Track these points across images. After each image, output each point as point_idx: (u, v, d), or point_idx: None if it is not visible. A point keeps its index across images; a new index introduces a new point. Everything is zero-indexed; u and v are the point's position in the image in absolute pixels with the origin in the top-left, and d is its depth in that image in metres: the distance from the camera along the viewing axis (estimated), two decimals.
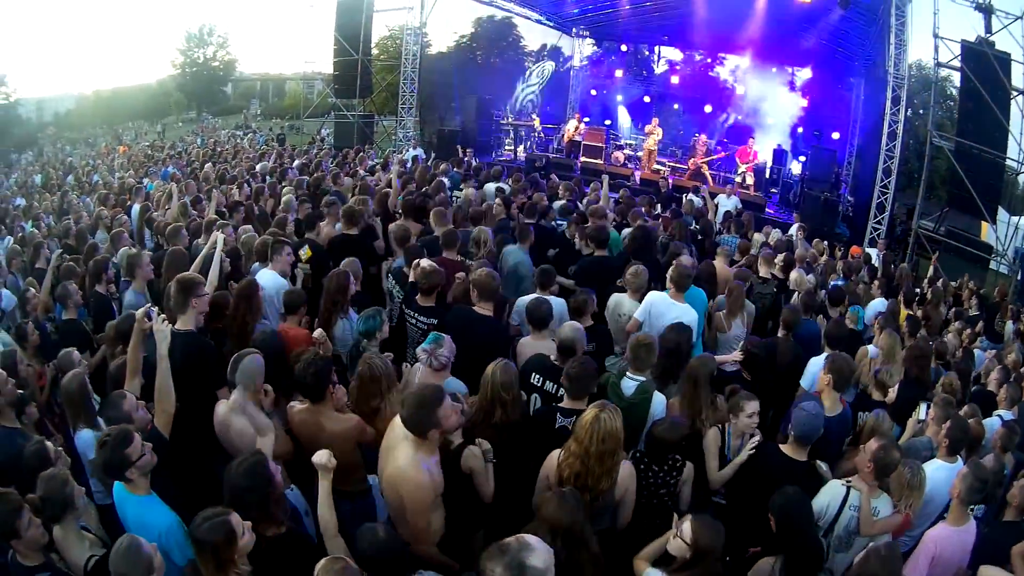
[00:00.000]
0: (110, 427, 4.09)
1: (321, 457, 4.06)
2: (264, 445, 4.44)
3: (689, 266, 7.47)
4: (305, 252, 7.99)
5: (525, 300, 6.76)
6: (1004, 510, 5.49)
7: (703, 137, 22.76)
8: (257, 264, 7.79)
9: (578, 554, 3.70)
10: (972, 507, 5.00)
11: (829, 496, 4.85)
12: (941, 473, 5.37)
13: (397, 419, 4.34)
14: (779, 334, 7.48)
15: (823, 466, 5.20)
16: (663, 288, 7.23)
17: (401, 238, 8.35)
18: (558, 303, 6.84)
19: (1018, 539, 4.82)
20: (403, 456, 4.19)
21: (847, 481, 4.90)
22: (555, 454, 4.55)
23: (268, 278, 7.12)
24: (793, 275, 9.32)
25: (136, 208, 11.79)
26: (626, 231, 9.93)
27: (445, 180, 12.89)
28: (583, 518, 3.83)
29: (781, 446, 5.20)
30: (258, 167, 16.86)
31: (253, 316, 6.20)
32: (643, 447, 5.15)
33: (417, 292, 6.75)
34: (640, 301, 7.09)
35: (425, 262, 6.82)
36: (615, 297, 7.44)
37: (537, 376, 5.68)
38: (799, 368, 6.87)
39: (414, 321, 6.74)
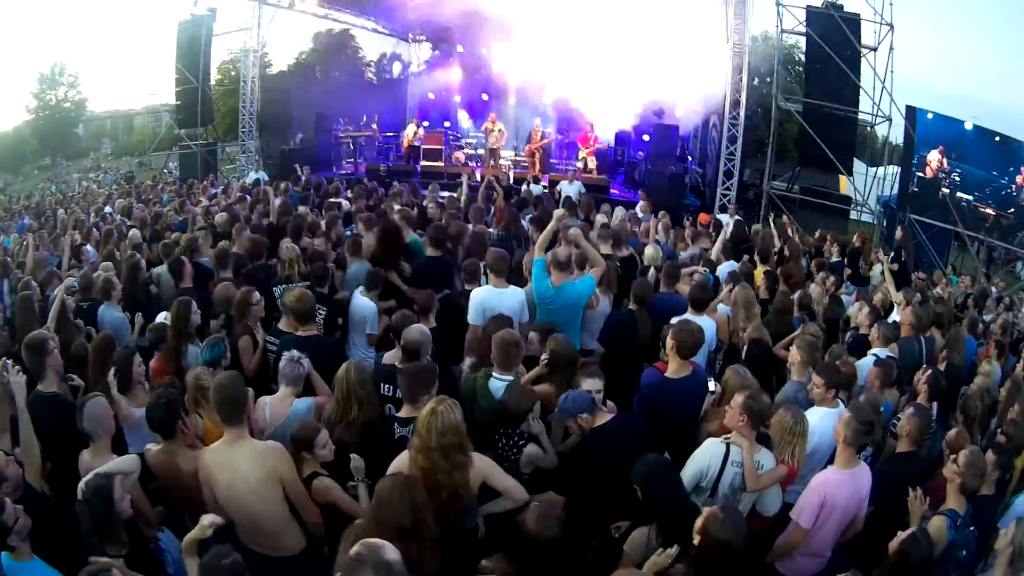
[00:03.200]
0: None
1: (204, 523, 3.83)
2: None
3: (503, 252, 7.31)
4: None
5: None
6: (894, 443, 5.56)
7: (537, 122, 22.90)
8: (104, 305, 7.63)
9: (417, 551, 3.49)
10: (860, 451, 5.02)
11: (708, 456, 4.70)
12: (825, 420, 5.32)
13: (211, 456, 4.31)
14: (632, 307, 7.29)
15: None
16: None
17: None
18: None
19: (916, 469, 5.22)
20: (249, 451, 4.23)
21: (726, 438, 4.76)
22: (405, 454, 4.32)
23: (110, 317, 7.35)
24: (648, 251, 9.37)
25: None
26: None
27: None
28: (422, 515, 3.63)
29: (588, 427, 4.87)
30: (106, 209, 16.51)
31: (102, 374, 5.76)
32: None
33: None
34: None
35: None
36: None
37: (387, 386, 5.57)
38: (656, 341, 6.71)
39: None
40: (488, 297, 6.78)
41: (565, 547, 3.55)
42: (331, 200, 13.25)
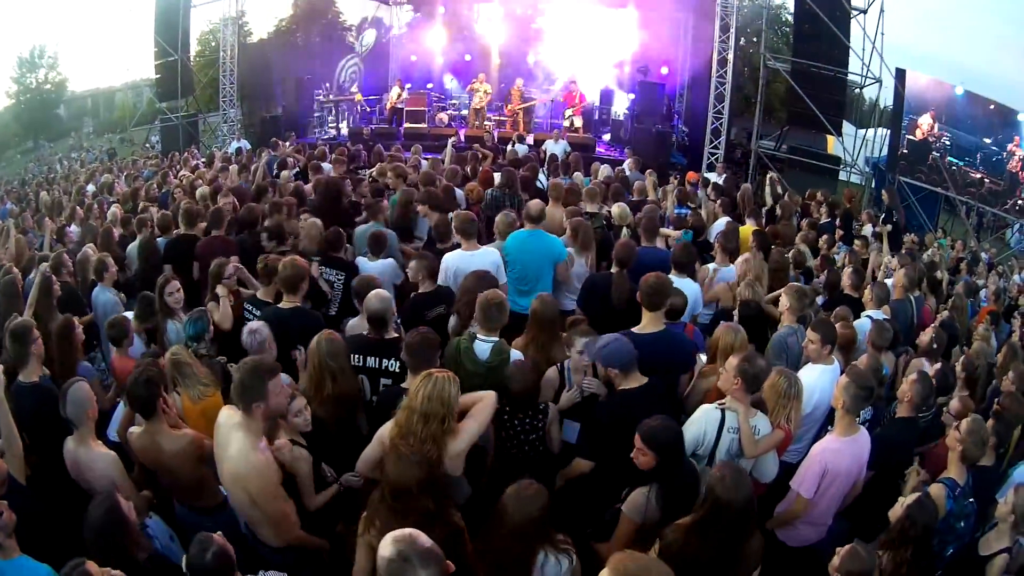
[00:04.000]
0: None
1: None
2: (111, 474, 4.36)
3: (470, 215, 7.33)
4: None
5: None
6: (895, 406, 5.48)
7: (519, 83, 22.69)
8: (99, 288, 7.51)
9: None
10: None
11: (703, 422, 4.58)
12: (823, 377, 5.39)
13: (220, 418, 4.16)
14: (613, 270, 6.97)
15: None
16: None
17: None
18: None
19: (915, 434, 5.27)
20: (235, 446, 3.97)
21: (720, 404, 4.64)
22: (390, 422, 4.20)
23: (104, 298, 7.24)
24: (615, 209, 9.00)
25: None
26: None
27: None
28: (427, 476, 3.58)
29: (618, 385, 4.79)
30: (88, 187, 16.50)
31: (74, 354, 5.89)
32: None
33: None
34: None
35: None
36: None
37: (357, 356, 5.32)
38: (636, 304, 6.34)
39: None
40: (458, 260, 6.74)
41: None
42: (314, 163, 13.01)
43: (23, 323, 5.52)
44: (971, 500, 4.56)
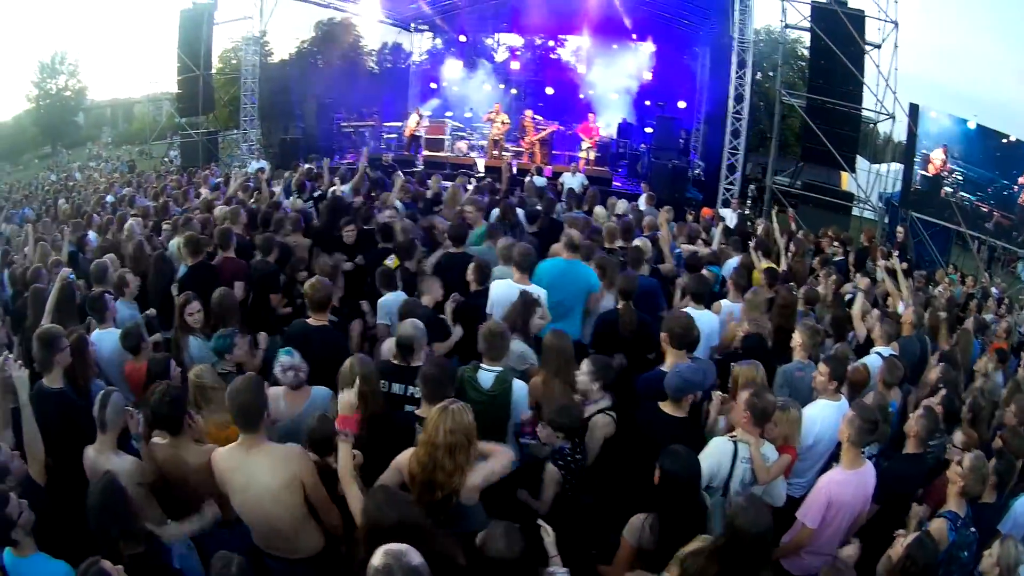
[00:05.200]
0: None
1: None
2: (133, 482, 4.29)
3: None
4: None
5: (389, 299, 6.95)
6: (901, 443, 5.58)
7: (528, 113, 22.48)
8: (119, 301, 7.25)
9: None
10: (864, 449, 4.99)
11: (718, 455, 4.71)
12: (826, 411, 5.44)
13: (225, 460, 4.20)
14: (619, 305, 7.10)
15: None
16: None
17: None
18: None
19: (920, 470, 5.31)
20: (268, 457, 4.11)
21: (731, 436, 4.80)
22: (408, 451, 4.27)
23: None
24: (637, 242, 8.99)
25: None
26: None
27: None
28: (415, 515, 3.56)
29: (660, 404, 5.11)
30: (107, 198, 16.25)
31: (87, 370, 5.76)
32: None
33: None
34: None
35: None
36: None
37: (382, 381, 5.32)
38: (644, 335, 6.67)
39: None
40: (505, 292, 6.78)
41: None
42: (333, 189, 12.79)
43: (51, 329, 5.54)
44: (972, 530, 4.61)
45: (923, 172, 19.20)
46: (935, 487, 5.16)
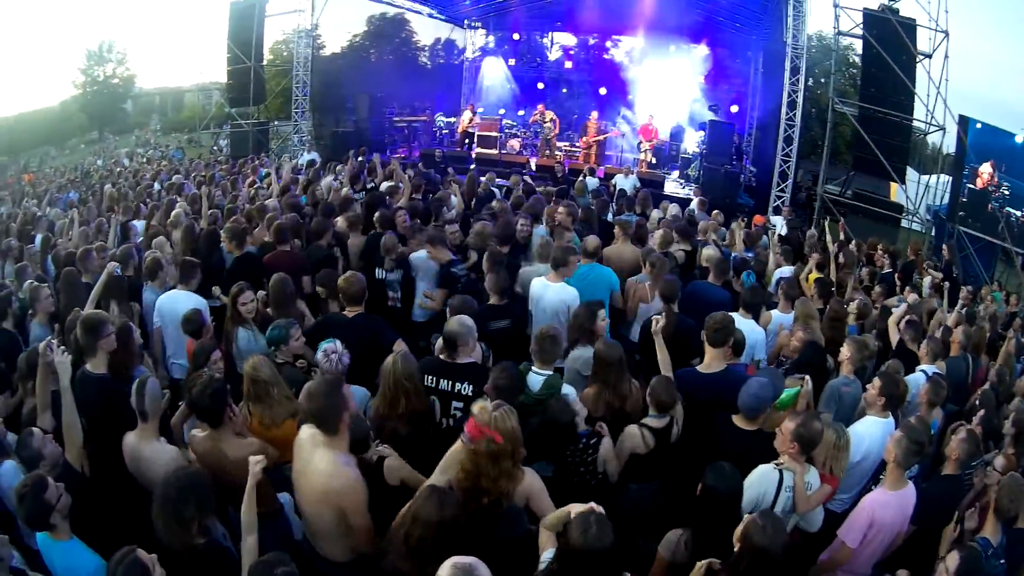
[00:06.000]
0: (25, 477, 3.97)
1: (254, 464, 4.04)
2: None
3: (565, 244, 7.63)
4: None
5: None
6: (940, 464, 5.66)
7: (594, 115, 22.57)
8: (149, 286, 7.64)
9: None
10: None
11: (764, 483, 4.66)
12: (874, 428, 5.49)
13: (302, 435, 4.20)
14: (662, 308, 7.12)
15: None
16: None
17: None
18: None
19: (958, 493, 5.26)
20: (324, 465, 4.00)
21: (777, 464, 4.73)
22: (458, 444, 4.27)
23: (182, 299, 6.96)
24: (706, 251, 9.16)
25: (39, 238, 11.16)
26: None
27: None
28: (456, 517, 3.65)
29: (733, 417, 5.19)
30: (154, 185, 16.67)
31: (130, 359, 5.84)
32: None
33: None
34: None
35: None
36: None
37: (430, 377, 5.41)
38: (686, 339, 6.57)
39: None
40: (536, 286, 7.21)
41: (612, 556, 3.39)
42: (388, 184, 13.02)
43: (96, 315, 5.60)
44: (1002, 561, 4.62)
45: (970, 185, 18.89)
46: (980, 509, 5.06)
